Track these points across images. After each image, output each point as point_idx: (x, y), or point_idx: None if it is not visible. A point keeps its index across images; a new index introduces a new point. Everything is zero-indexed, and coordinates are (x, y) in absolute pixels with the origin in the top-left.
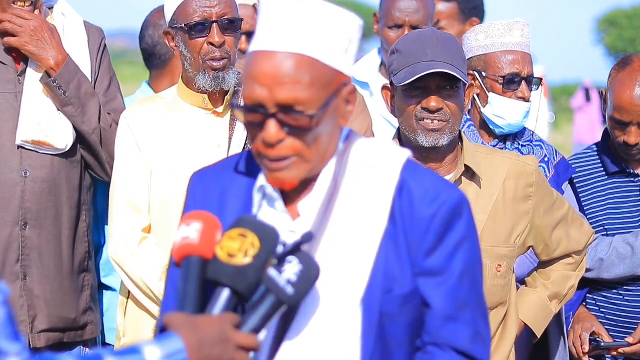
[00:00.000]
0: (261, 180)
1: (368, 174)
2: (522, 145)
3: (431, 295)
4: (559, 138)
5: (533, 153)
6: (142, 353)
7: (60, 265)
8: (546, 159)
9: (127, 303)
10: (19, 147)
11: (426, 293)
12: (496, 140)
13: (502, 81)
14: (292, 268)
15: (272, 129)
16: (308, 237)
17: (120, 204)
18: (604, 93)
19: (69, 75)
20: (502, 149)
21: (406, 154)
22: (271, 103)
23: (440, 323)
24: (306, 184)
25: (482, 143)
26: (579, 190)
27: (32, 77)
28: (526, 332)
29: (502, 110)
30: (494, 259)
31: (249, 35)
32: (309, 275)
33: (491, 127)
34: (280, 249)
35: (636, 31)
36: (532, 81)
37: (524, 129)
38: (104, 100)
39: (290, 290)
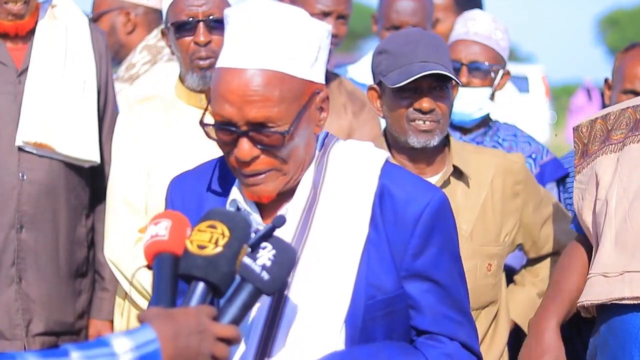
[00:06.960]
0: (233, 193)
1: (347, 180)
2: (504, 139)
3: (424, 298)
4: (559, 138)
5: (517, 148)
6: (110, 345)
7: (56, 269)
8: (533, 156)
9: (124, 304)
10: (19, 148)
11: (418, 296)
12: (475, 132)
13: None
14: (266, 254)
15: (245, 147)
16: (280, 221)
17: (117, 204)
18: (609, 82)
19: None
20: (480, 143)
21: (384, 156)
22: (242, 121)
23: (439, 319)
24: (284, 192)
25: (460, 138)
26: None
27: (34, 77)
28: (512, 330)
29: None
30: (484, 258)
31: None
32: (284, 259)
33: None
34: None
35: (637, 31)
36: (479, 67)
37: (504, 123)
38: (105, 135)
39: (265, 275)
